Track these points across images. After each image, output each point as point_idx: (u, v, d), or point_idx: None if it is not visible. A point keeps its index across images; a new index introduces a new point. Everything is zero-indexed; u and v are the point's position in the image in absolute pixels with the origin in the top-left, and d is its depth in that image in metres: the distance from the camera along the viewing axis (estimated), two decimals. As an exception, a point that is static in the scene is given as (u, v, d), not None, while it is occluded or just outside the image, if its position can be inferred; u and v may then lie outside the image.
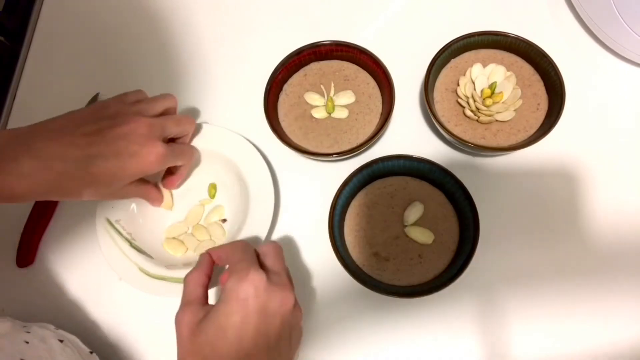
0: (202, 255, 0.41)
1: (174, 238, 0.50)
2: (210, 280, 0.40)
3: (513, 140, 0.49)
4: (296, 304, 0.38)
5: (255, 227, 0.47)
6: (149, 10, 0.62)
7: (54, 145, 0.38)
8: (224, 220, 0.51)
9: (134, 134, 0.41)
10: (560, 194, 0.50)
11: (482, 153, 0.51)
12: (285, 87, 0.54)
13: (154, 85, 0.58)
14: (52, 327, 0.45)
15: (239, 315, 0.34)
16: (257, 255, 0.39)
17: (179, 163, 0.47)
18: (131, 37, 0.61)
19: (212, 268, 0.40)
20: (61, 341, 0.43)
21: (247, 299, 0.34)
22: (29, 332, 0.42)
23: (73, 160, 0.38)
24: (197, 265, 0.40)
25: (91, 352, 0.45)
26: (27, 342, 0.41)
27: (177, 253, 0.49)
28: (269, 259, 0.39)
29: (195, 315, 0.36)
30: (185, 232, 0.51)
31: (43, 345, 0.42)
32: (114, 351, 0.49)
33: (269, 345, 0.34)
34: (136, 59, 0.60)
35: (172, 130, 0.45)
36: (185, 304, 0.37)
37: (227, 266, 0.40)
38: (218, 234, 0.50)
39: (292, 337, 0.37)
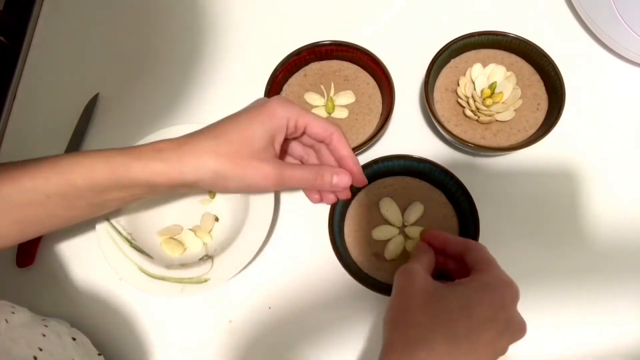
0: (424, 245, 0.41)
1: (171, 238, 0.50)
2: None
3: (513, 140, 0.49)
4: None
5: (255, 227, 0.47)
6: (149, 11, 0.62)
7: None
8: (217, 219, 0.51)
9: None
10: (560, 194, 0.50)
11: (482, 153, 0.51)
12: (285, 87, 0.54)
13: (153, 85, 0.58)
14: (67, 324, 0.46)
15: (490, 312, 0.34)
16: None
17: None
18: (131, 37, 0.61)
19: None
20: (74, 339, 0.44)
21: (504, 306, 0.35)
22: (46, 326, 0.43)
23: None
24: (419, 256, 0.40)
25: (99, 354, 0.46)
26: (44, 335, 0.42)
27: (174, 253, 0.49)
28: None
29: (428, 279, 0.37)
30: (184, 232, 0.51)
31: (58, 340, 0.42)
32: (113, 350, 0.48)
33: (495, 354, 0.35)
34: (136, 59, 0.60)
35: None
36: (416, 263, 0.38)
37: None
38: (216, 233, 0.50)
39: None
